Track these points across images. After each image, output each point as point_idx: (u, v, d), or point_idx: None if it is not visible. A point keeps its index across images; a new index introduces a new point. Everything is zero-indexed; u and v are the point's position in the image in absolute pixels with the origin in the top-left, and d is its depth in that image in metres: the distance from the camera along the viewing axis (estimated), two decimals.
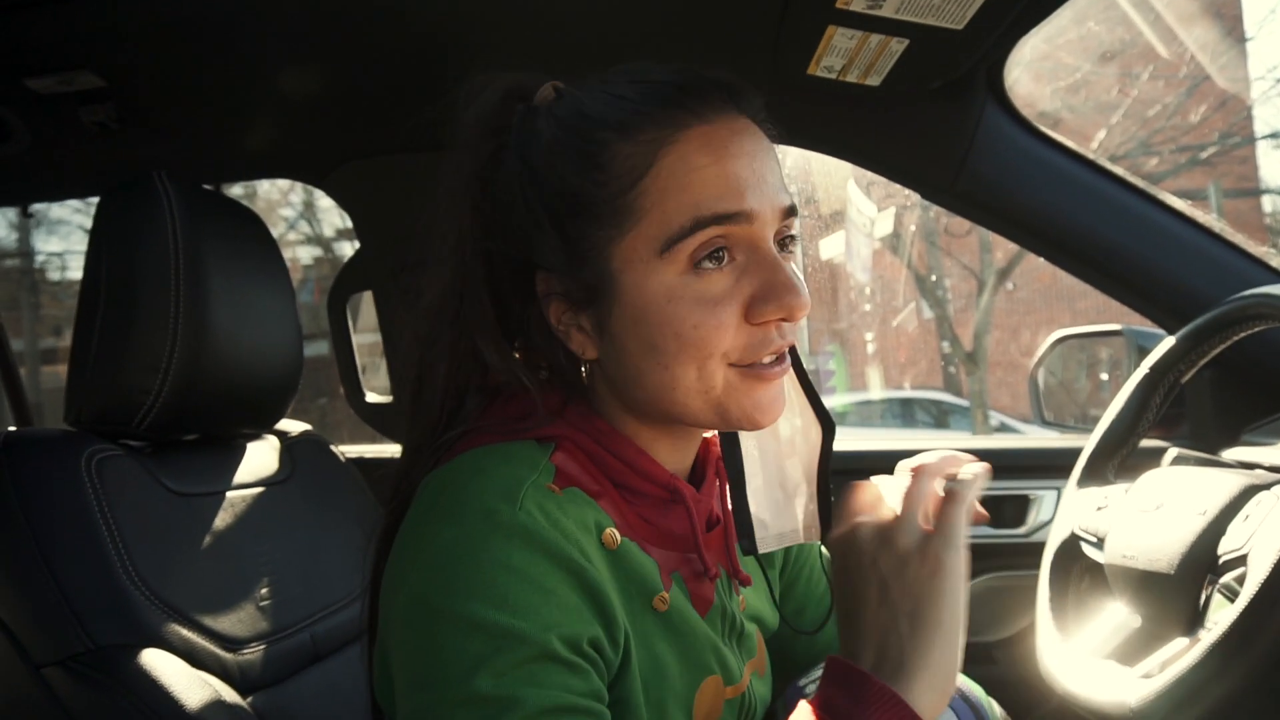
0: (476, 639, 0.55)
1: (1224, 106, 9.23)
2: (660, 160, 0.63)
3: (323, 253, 10.69)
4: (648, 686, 0.64)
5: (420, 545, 0.60)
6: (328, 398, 7.19)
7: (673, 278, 0.63)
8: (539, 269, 0.67)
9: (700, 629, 0.69)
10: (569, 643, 0.57)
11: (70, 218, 9.79)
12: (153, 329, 0.98)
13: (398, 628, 0.59)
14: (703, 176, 0.62)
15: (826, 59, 1.11)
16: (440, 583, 0.57)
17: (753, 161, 0.64)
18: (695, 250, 0.62)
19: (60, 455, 0.91)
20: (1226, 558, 0.81)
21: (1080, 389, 2.85)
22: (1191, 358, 1.05)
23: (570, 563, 0.58)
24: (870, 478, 0.69)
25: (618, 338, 0.65)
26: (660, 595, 0.66)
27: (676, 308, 0.62)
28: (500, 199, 0.67)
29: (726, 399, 0.64)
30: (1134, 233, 1.26)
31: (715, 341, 0.62)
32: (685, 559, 0.69)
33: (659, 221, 0.62)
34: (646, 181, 0.63)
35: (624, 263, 0.63)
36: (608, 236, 0.64)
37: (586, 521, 0.63)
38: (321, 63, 1.20)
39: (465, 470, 0.63)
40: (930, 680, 0.57)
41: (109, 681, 0.82)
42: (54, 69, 1.14)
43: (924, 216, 8.78)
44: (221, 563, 1.00)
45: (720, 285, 0.63)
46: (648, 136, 0.63)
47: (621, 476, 0.67)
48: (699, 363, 0.63)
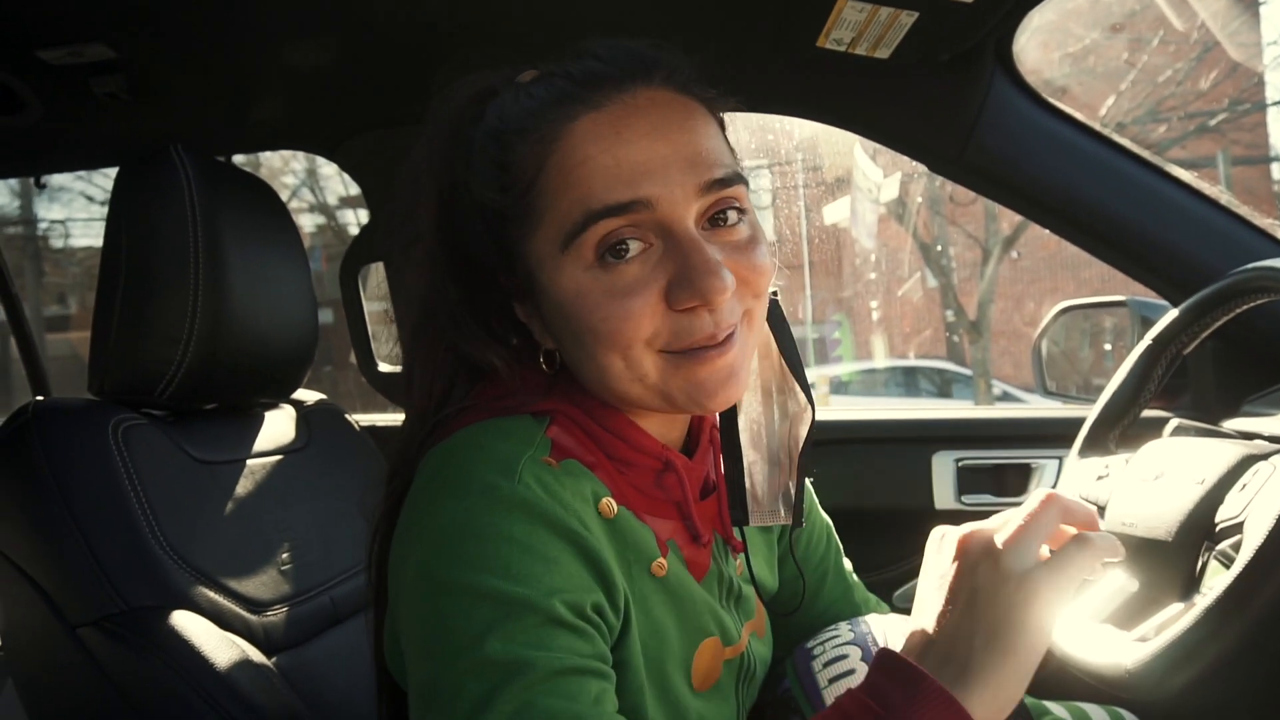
0: (483, 607, 0.57)
1: (1234, 73, 9.12)
2: (549, 158, 0.62)
3: (326, 220, 10.66)
4: (647, 649, 0.66)
5: (424, 520, 0.61)
6: (334, 366, 7.22)
7: (579, 272, 0.62)
8: (499, 271, 0.68)
9: (697, 593, 0.71)
10: (573, 608, 0.58)
11: (72, 184, 9.76)
12: (173, 300, 1.00)
13: (406, 600, 0.61)
14: (590, 169, 0.61)
15: (836, 31, 1.12)
16: (445, 556, 0.59)
17: (653, 142, 0.62)
18: (596, 244, 0.61)
19: (88, 424, 0.94)
20: (1223, 525, 0.83)
21: (1083, 359, 2.86)
22: (1194, 329, 1.07)
23: (570, 532, 0.60)
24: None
25: (553, 330, 0.67)
26: (658, 561, 0.68)
27: (585, 301, 0.62)
28: (456, 209, 0.68)
29: (665, 384, 0.64)
30: (1140, 205, 1.27)
31: (628, 332, 0.62)
32: (680, 526, 0.71)
33: (555, 219, 0.62)
34: (541, 181, 0.63)
35: (536, 261, 0.65)
36: (520, 236, 0.65)
37: (584, 492, 0.64)
38: (331, 34, 1.20)
39: (464, 446, 0.64)
40: (988, 698, 0.55)
41: (141, 641, 0.85)
42: (65, 40, 1.15)
43: (930, 185, 8.73)
44: (243, 528, 1.03)
45: (630, 275, 0.62)
46: (538, 135, 0.63)
47: (614, 448, 0.68)
48: (620, 352, 0.63)
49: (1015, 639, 0.56)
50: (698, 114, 0.65)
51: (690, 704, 0.69)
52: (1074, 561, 0.58)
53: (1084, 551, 0.58)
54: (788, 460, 0.77)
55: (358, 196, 1.60)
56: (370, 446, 1.33)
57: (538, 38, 1.19)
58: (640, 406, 0.67)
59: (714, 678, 0.72)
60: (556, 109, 0.63)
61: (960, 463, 1.47)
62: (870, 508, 1.50)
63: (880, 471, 1.51)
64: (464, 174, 0.67)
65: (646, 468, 0.69)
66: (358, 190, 1.60)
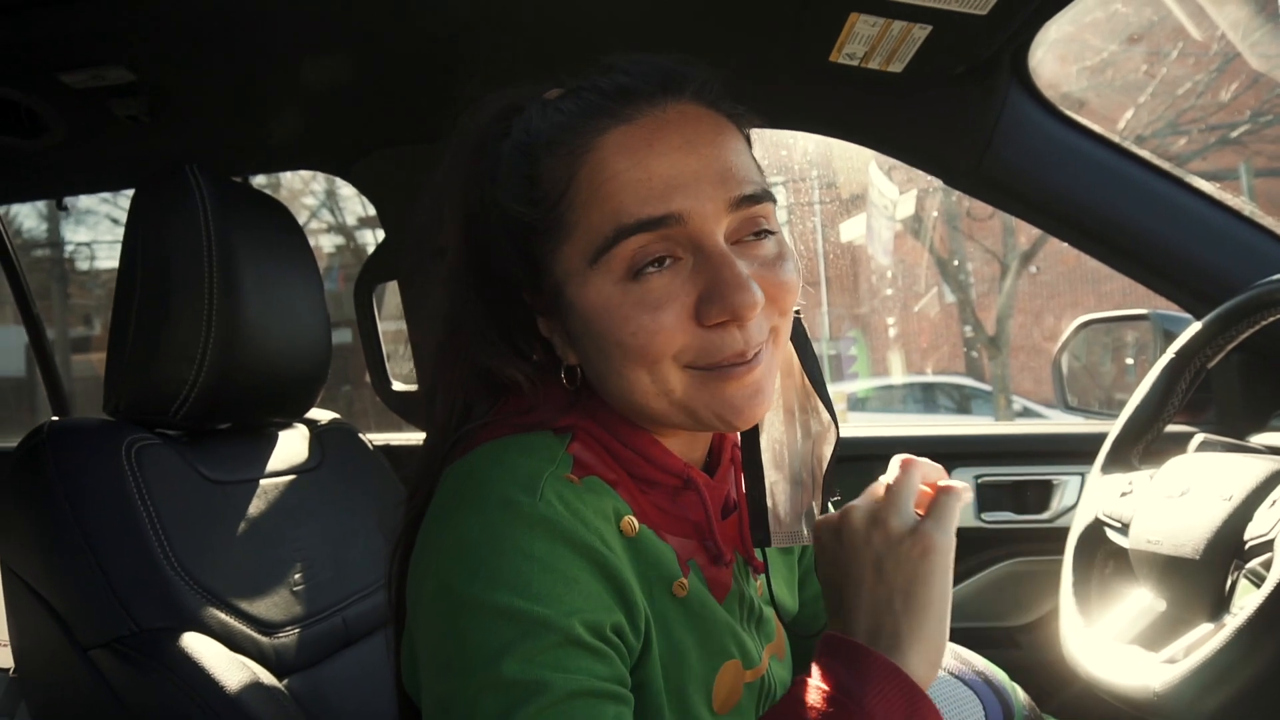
0: (502, 626, 0.56)
1: (1256, 84, 9.04)
2: (579, 171, 0.62)
3: (345, 241, 10.77)
4: (667, 671, 0.65)
5: (444, 535, 0.61)
6: (351, 385, 7.27)
7: (609, 286, 0.62)
8: (523, 287, 0.68)
9: (719, 614, 0.70)
10: (593, 629, 0.58)
11: (98, 207, 9.92)
12: (187, 320, 1.00)
13: (424, 616, 0.60)
14: (622, 183, 0.61)
15: (849, 46, 1.11)
16: (465, 572, 0.58)
17: (685, 156, 0.61)
18: (628, 258, 0.61)
19: (101, 444, 0.94)
20: (1253, 543, 0.81)
21: (1104, 374, 2.83)
22: (1219, 342, 1.04)
23: (591, 551, 0.59)
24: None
25: (579, 345, 0.66)
26: (679, 581, 0.67)
27: (614, 315, 0.62)
28: (481, 228, 0.68)
29: (690, 401, 0.63)
30: (1160, 216, 1.25)
31: (657, 346, 0.61)
32: (701, 546, 0.70)
33: (585, 233, 0.62)
34: (570, 194, 0.62)
35: (565, 275, 0.64)
36: (548, 249, 0.64)
37: (605, 510, 0.64)
38: (345, 55, 1.22)
39: (485, 462, 0.63)
40: (922, 653, 0.59)
41: (152, 663, 0.84)
42: (87, 64, 1.16)
43: (946, 200, 8.70)
44: (256, 549, 1.03)
45: (661, 289, 0.61)
46: (568, 148, 0.63)
47: (635, 466, 0.68)
48: (647, 367, 0.62)
49: (928, 592, 0.60)
50: (727, 130, 0.65)
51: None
52: (950, 508, 0.63)
53: (953, 498, 0.64)
54: (810, 479, 0.76)
55: (376, 217, 1.61)
56: (384, 466, 1.33)
57: (554, 55, 1.20)
58: (664, 424, 0.66)
59: (734, 700, 0.71)
60: (586, 122, 0.63)
61: (980, 479, 1.44)
62: None
63: None
64: (490, 188, 0.66)
65: (668, 486, 0.69)
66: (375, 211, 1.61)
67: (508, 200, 0.65)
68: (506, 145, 0.66)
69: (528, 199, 0.64)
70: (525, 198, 0.64)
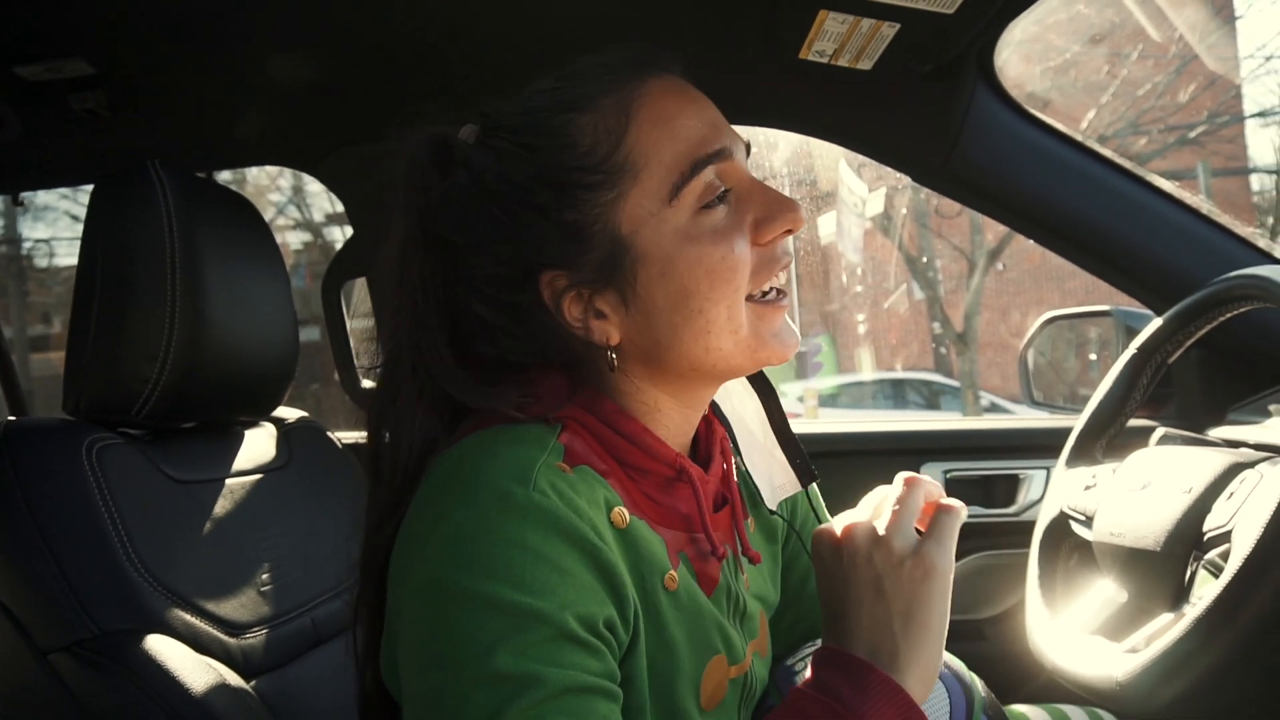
0: (494, 618, 0.55)
1: (1213, 85, 9.24)
2: (636, 114, 0.65)
3: (312, 238, 10.64)
4: (655, 665, 0.65)
5: (433, 527, 0.60)
6: (320, 383, 7.18)
7: (685, 220, 0.65)
8: (543, 272, 0.66)
9: (707, 608, 0.70)
10: (586, 623, 0.57)
11: (57, 204, 9.71)
12: (149, 317, 0.98)
13: (410, 608, 0.59)
14: (683, 122, 0.66)
15: (818, 43, 1.12)
16: (456, 563, 0.57)
17: (707, 106, 0.68)
18: (699, 191, 0.65)
19: (61, 444, 0.92)
20: (1211, 534, 0.83)
21: (1069, 369, 2.87)
22: (1179, 338, 1.07)
23: (585, 542, 0.59)
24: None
25: (646, 300, 0.66)
26: (669, 574, 0.66)
27: (698, 246, 0.65)
28: (463, 234, 0.67)
29: (754, 335, 0.67)
30: (1122, 215, 1.27)
31: (741, 269, 0.65)
32: (691, 539, 0.70)
33: (658, 171, 0.65)
34: (630, 138, 0.65)
35: (633, 222, 0.65)
36: (608, 201, 0.65)
37: (597, 499, 0.63)
38: (312, 49, 1.20)
39: (474, 451, 0.63)
40: (919, 674, 0.61)
41: (115, 667, 0.82)
42: (44, 56, 1.14)
43: (915, 198, 8.78)
44: (222, 549, 1.01)
45: (725, 217, 0.66)
46: (610, 100, 0.66)
47: (628, 455, 0.67)
48: (728, 299, 0.65)
49: (928, 615, 0.62)
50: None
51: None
52: (951, 529, 0.64)
53: (954, 517, 0.65)
54: (774, 436, 0.81)
55: (344, 214, 1.59)
56: (353, 465, 1.31)
57: (522, 48, 1.20)
58: (721, 370, 0.69)
59: (720, 696, 0.70)
60: (618, 77, 0.67)
61: (949, 474, 1.46)
62: None
63: (869, 484, 1.48)
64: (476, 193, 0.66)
65: (659, 476, 0.69)
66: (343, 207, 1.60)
67: (531, 171, 0.65)
68: (494, 142, 0.67)
69: (568, 158, 0.65)
70: (563, 158, 0.65)
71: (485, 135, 0.68)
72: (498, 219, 0.66)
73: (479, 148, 0.68)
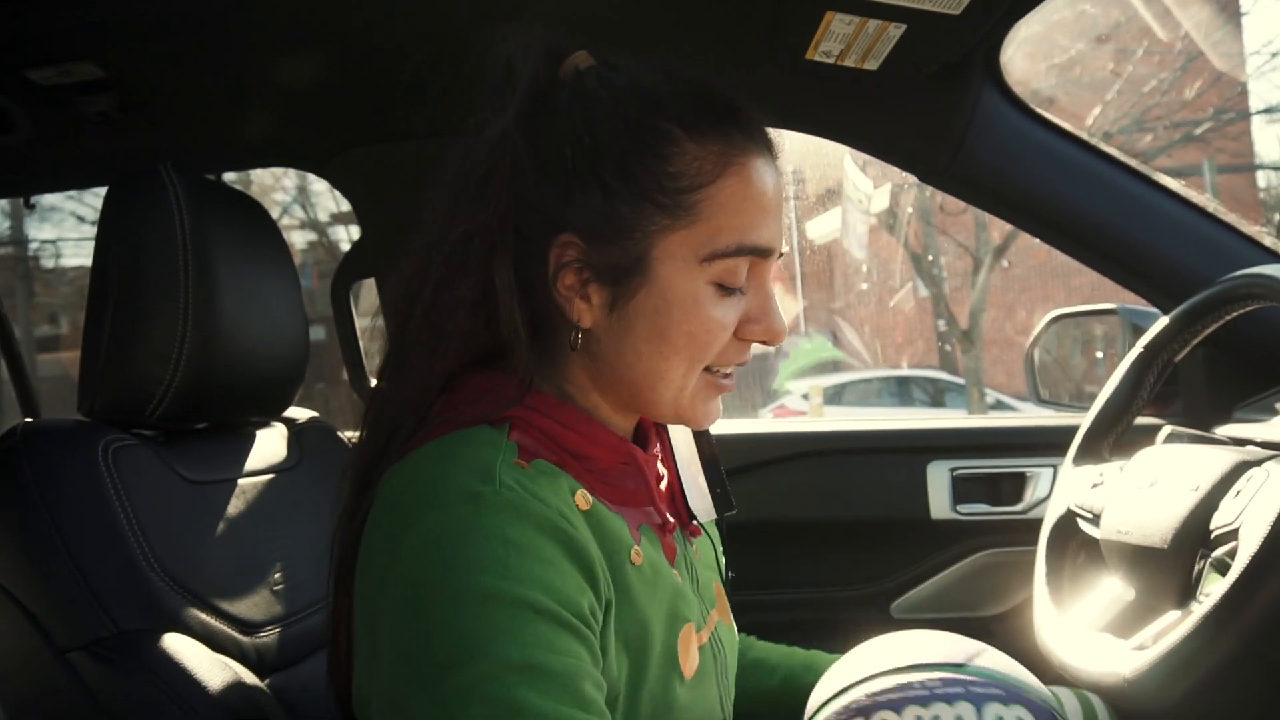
0: (490, 610, 0.55)
1: (1218, 82, 9.21)
2: (726, 175, 0.67)
3: (318, 237, 10.66)
4: (630, 640, 0.65)
5: (400, 536, 0.59)
6: (326, 383, 7.20)
7: (701, 285, 0.67)
8: (564, 232, 0.67)
9: (671, 578, 0.72)
10: (573, 611, 0.58)
11: (63, 204, 9.76)
12: (163, 319, 0.99)
13: (391, 620, 0.58)
14: (755, 206, 0.68)
15: (825, 44, 1.12)
16: (437, 566, 0.57)
17: (780, 200, 0.71)
18: (728, 269, 0.67)
19: (77, 445, 0.93)
20: (1219, 532, 0.83)
21: (1075, 367, 2.86)
22: (1185, 336, 1.07)
23: (558, 531, 0.60)
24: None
25: (630, 317, 0.67)
26: (634, 549, 0.68)
27: (697, 310, 0.67)
28: (539, 155, 0.67)
29: (692, 400, 0.70)
30: (1129, 214, 1.28)
31: (713, 346, 0.68)
32: (645, 513, 0.73)
33: (711, 231, 0.66)
34: (711, 190, 0.66)
35: (665, 254, 0.66)
36: (661, 225, 0.66)
37: (560, 488, 0.64)
38: (321, 50, 1.21)
39: (430, 459, 0.63)
40: None
41: (133, 665, 0.83)
42: (55, 60, 1.15)
43: (920, 195, 8.77)
44: (236, 548, 1.02)
45: (730, 301, 0.69)
46: (717, 149, 0.67)
47: (575, 445, 0.69)
48: (690, 363, 0.68)
49: None
50: None
51: (678, 694, 0.69)
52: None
53: None
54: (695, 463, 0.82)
55: (349, 213, 1.60)
56: None
57: None
58: (646, 413, 0.74)
59: (696, 665, 0.72)
60: (731, 131, 0.68)
61: (955, 472, 1.47)
62: (865, 518, 1.50)
63: (875, 482, 1.51)
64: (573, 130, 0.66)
65: (606, 462, 0.70)
66: (348, 207, 1.60)
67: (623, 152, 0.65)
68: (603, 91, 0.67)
69: (657, 170, 0.65)
70: (654, 168, 0.66)
71: (598, 80, 0.68)
72: (574, 159, 0.66)
73: (595, 83, 0.68)
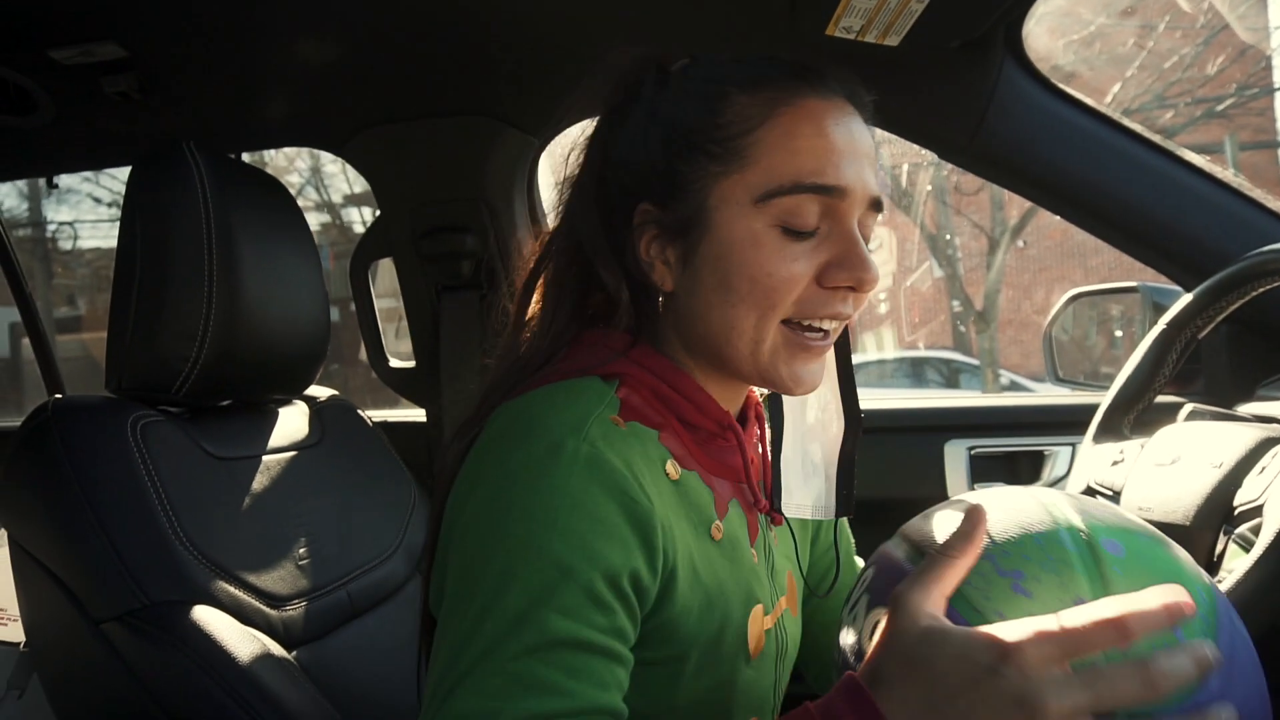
0: (519, 556, 0.58)
1: (1242, 57, 9.05)
2: (776, 116, 0.68)
3: (332, 219, 10.68)
4: (704, 612, 0.67)
5: (487, 470, 0.64)
6: (341, 364, 7.24)
7: (761, 227, 0.67)
8: (642, 201, 0.71)
9: (749, 558, 0.74)
10: (608, 577, 0.59)
11: (79, 186, 9.79)
12: (188, 297, 1.00)
13: (457, 545, 0.63)
14: (812, 144, 0.67)
15: (845, 19, 1.11)
16: (499, 504, 0.61)
17: (856, 145, 0.69)
18: (789, 209, 0.67)
19: (107, 421, 0.94)
20: (1242, 509, 0.83)
21: (1092, 346, 2.85)
22: (1209, 313, 1.06)
23: (624, 496, 0.61)
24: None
25: (698, 270, 0.69)
26: (715, 524, 0.70)
27: (757, 253, 0.67)
28: (622, 139, 0.72)
29: (772, 358, 0.69)
30: (1152, 189, 1.26)
31: (783, 292, 0.67)
32: (739, 488, 0.75)
33: (763, 172, 0.67)
34: (760, 132, 0.68)
35: (721, 200, 0.68)
36: (714, 173, 0.68)
37: (649, 454, 0.67)
38: (340, 30, 1.21)
39: (536, 402, 0.66)
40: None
41: (165, 636, 0.85)
42: (77, 40, 1.15)
43: (935, 175, 8.69)
44: (261, 523, 1.03)
45: (801, 246, 0.68)
46: (767, 94, 0.68)
47: (681, 410, 0.71)
48: (761, 311, 0.67)
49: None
50: (871, 138, 0.72)
51: (741, 672, 0.71)
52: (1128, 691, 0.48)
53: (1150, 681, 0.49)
54: (828, 465, 0.81)
55: (363, 194, 1.62)
56: (383, 441, 1.33)
57: (551, 31, 1.20)
58: (731, 370, 0.71)
59: (761, 646, 0.73)
60: (788, 80, 0.69)
61: (973, 451, 1.47)
62: (883, 497, 1.49)
63: (893, 460, 1.51)
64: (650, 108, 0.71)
65: (709, 432, 0.72)
66: (362, 188, 1.61)
67: (681, 115, 0.69)
68: (676, 80, 0.71)
69: (708, 121, 0.69)
70: (705, 119, 0.69)
71: (685, 68, 0.73)
72: (645, 135, 0.71)
73: (674, 77, 0.72)
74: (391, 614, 1.15)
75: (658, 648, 0.65)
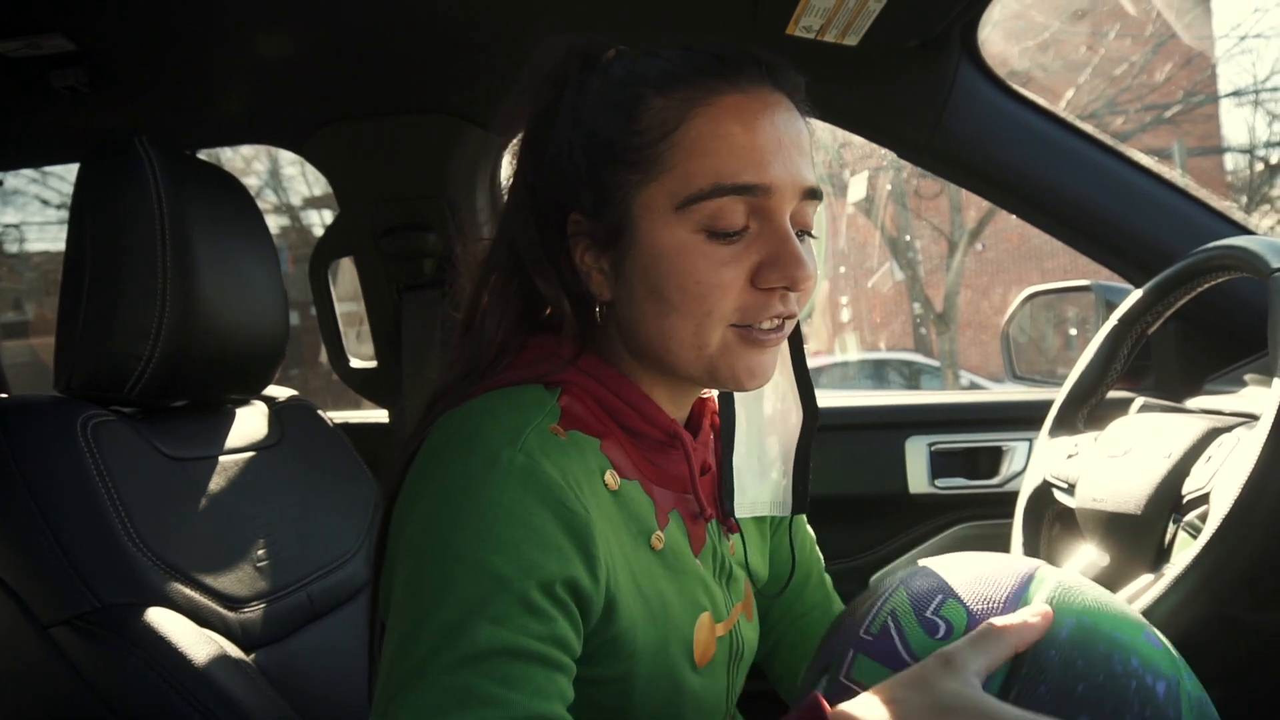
0: (455, 570, 0.58)
1: (1189, 65, 9.32)
2: (691, 119, 0.66)
3: (290, 221, 10.51)
4: (644, 624, 0.66)
5: (428, 483, 0.63)
6: (301, 367, 7.13)
7: (685, 234, 0.66)
8: (573, 211, 0.70)
9: (693, 567, 0.72)
10: (543, 586, 0.59)
11: (26, 188, 9.51)
12: (141, 295, 0.98)
13: (400, 560, 0.62)
14: (730, 144, 0.65)
15: (805, 19, 1.12)
16: (437, 518, 0.61)
17: (781, 137, 0.66)
18: (711, 213, 0.65)
19: (56, 420, 0.92)
20: (1190, 497, 0.85)
21: (1049, 345, 2.90)
22: (1158, 309, 1.09)
23: (560, 507, 0.61)
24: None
25: (629, 281, 0.68)
26: (656, 534, 0.69)
27: (684, 261, 0.65)
28: (551, 143, 0.70)
29: (719, 358, 0.67)
30: (1103, 189, 1.29)
31: (715, 300, 0.65)
32: (683, 498, 0.73)
33: (681, 178, 0.65)
34: (676, 136, 0.66)
35: (643, 209, 0.67)
36: (633, 182, 0.67)
37: (589, 464, 0.66)
38: (299, 24, 1.19)
39: (475, 412, 0.66)
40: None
41: (116, 639, 0.83)
42: (22, 32, 1.12)
43: (895, 178, 8.81)
44: (218, 525, 1.01)
45: (730, 249, 0.66)
46: (682, 95, 0.66)
47: (625, 419, 0.70)
48: (697, 319, 0.66)
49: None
50: (803, 125, 0.70)
51: (689, 681, 0.70)
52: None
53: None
54: (785, 459, 0.80)
55: (323, 197, 1.60)
56: (344, 442, 1.32)
57: (512, 27, 1.19)
58: (679, 375, 0.70)
59: (710, 654, 0.73)
60: (704, 78, 0.67)
61: (933, 447, 1.49)
62: (845, 494, 1.51)
63: (854, 457, 1.52)
64: (571, 111, 0.68)
65: (653, 440, 0.71)
66: (322, 190, 1.59)
67: (599, 123, 0.67)
68: (597, 79, 0.69)
69: (624, 129, 0.67)
70: (621, 127, 0.67)
71: (608, 64, 0.70)
72: (568, 142, 0.69)
73: (595, 74, 0.70)
74: (354, 615, 1.13)
75: (609, 664, 0.65)
